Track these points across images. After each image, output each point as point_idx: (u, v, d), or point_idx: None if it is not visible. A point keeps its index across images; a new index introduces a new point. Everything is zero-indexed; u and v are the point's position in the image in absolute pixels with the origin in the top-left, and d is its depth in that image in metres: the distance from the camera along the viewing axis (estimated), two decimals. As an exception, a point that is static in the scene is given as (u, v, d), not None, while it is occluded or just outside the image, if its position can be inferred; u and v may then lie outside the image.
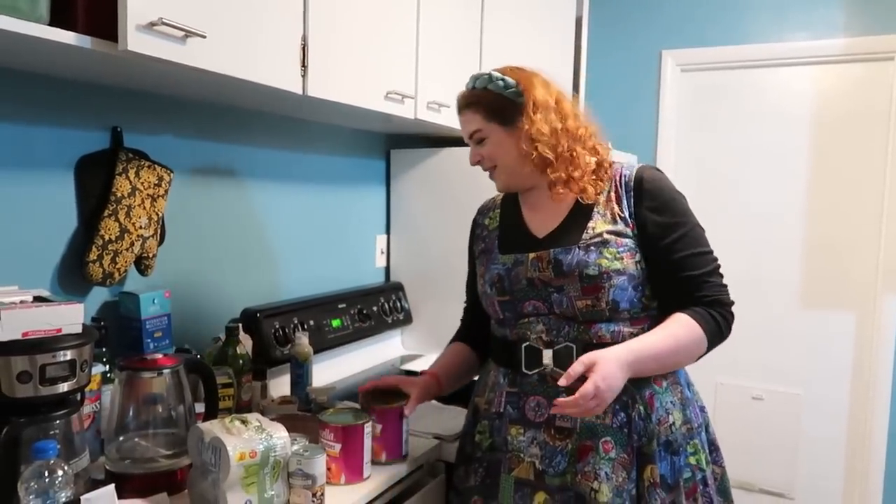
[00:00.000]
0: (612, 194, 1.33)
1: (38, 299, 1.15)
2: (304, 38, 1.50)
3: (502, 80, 1.34)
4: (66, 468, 0.99)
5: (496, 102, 1.33)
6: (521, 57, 2.38)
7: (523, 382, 1.34)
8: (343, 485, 1.30)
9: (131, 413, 1.26)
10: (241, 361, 1.62)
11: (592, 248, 1.28)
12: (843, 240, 2.89)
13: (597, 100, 3.05)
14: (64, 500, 0.96)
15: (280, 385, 1.86)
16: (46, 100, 1.40)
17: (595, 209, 1.32)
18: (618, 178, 1.34)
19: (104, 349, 1.39)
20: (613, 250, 1.28)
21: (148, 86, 1.52)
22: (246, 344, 1.71)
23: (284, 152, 2.04)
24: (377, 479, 1.34)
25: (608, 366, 1.17)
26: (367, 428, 1.33)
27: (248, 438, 1.13)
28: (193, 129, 1.73)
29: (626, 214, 1.31)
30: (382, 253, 2.51)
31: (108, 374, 1.38)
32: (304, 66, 1.50)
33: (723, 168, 3.10)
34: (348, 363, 2.19)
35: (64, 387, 1.10)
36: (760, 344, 3.05)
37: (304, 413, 1.64)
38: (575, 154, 1.32)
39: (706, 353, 1.30)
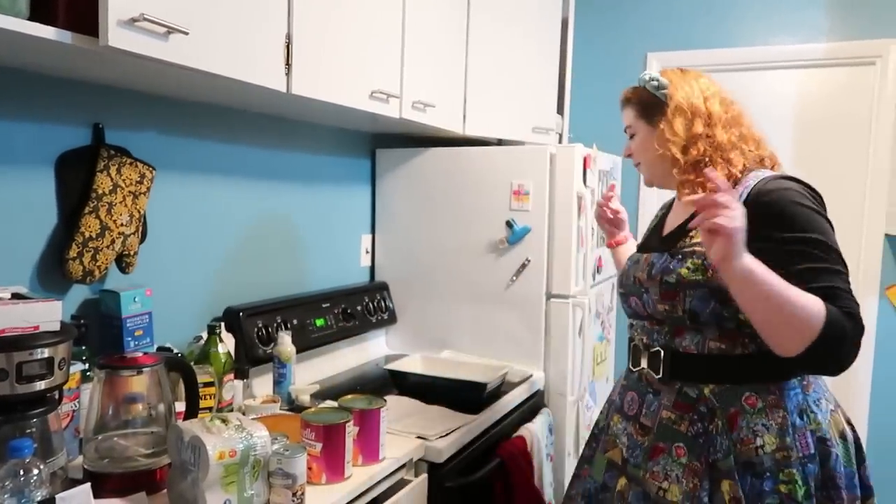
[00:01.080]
0: None
1: (15, 296, 1.14)
2: (289, 36, 1.49)
3: (656, 80, 1.40)
4: (41, 467, 0.98)
5: (646, 101, 1.42)
6: (507, 58, 2.40)
7: (630, 378, 1.46)
8: (324, 484, 1.30)
9: (110, 412, 1.25)
10: (222, 360, 1.61)
11: (680, 256, 1.30)
12: (824, 242, 2.92)
13: (582, 101, 3.07)
14: (39, 498, 0.95)
15: (263, 384, 1.85)
16: (26, 95, 1.39)
17: None
18: (740, 191, 1.27)
19: (84, 347, 1.38)
20: (698, 262, 1.26)
21: (130, 82, 1.51)
22: (228, 343, 1.70)
23: (269, 151, 2.03)
24: (358, 478, 1.34)
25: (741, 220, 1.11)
26: (349, 427, 1.33)
27: (228, 437, 1.13)
28: (176, 127, 1.72)
29: None
30: (367, 252, 2.51)
31: (88, 373, 1.37)
32: (288, 64, 1.50)
33: (707, 170, 3.12)
34: (332, 362, 2.19)
35: (41, 385, 1.09)
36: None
37: (287, 412, 1.63)
38: (709, 161, 1.33)
39: (815, 350, 1.11)
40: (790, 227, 1.19)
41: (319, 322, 2.07)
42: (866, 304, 2.83)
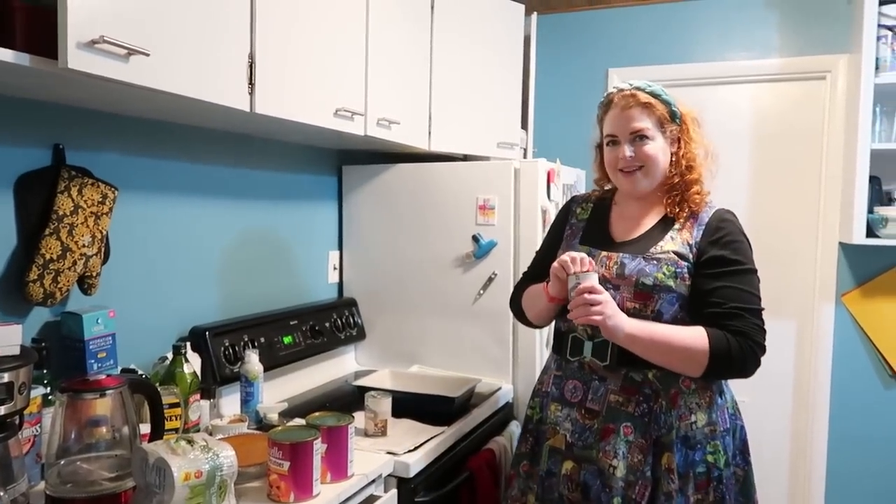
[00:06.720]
0: (689, 223, 1.49)
1: (-27, 321, 1.13)
2: (251, 56, 1.50)
3: (668, 96, 1.52)
4: (1, 494, 0.97)
5: (667, 112, 1.50)
6: (471, 74, 2.43)
7: (567, 368, 1.55)
8: (292, 503, 1.30)
9: (73, 436, 1.23)
10: (188, 380, 1.60)
11: (654, 261, 1.45)
12: (782, 251, 2.99)
13: (545, 116, 3.12)
14: (-1, 526, 0.94)
15: (231, 403, 1.84)
16: (-16, 117, 1.37)
17: (671, 232, 1.49)
18: (699, 212, 1.50)
19: (45, 371, 1.36)
20: (672, 269, 1.44)
21: (91, 103, 1.50)
22: (194, 363, 1.69)
23: (234, 169, 2.03)
24: (327, 496, 1.34)
25: (616, 308, 1.39)
26: (317, 445, 1.33)
27: (194, 458, 1.12)
28: (139, 147, 1.71)
29: (693, 243, 1.47)
30: (335, 269, 2.51)
31: (50, 397, 1.35)
32: (251, 83, 1.50)
33: (668, 182, 3.19)
34: (301, 380, 2.18)
35: (0, 410, 1.07)
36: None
37: (254, 431, 1.62)
38: (694, 180, 1.52)
39: (712, 372, 1.40)
40: (734, 252, 1.44)
41: (287, 340, 2.07)
42: (823, 312, 2.91)
